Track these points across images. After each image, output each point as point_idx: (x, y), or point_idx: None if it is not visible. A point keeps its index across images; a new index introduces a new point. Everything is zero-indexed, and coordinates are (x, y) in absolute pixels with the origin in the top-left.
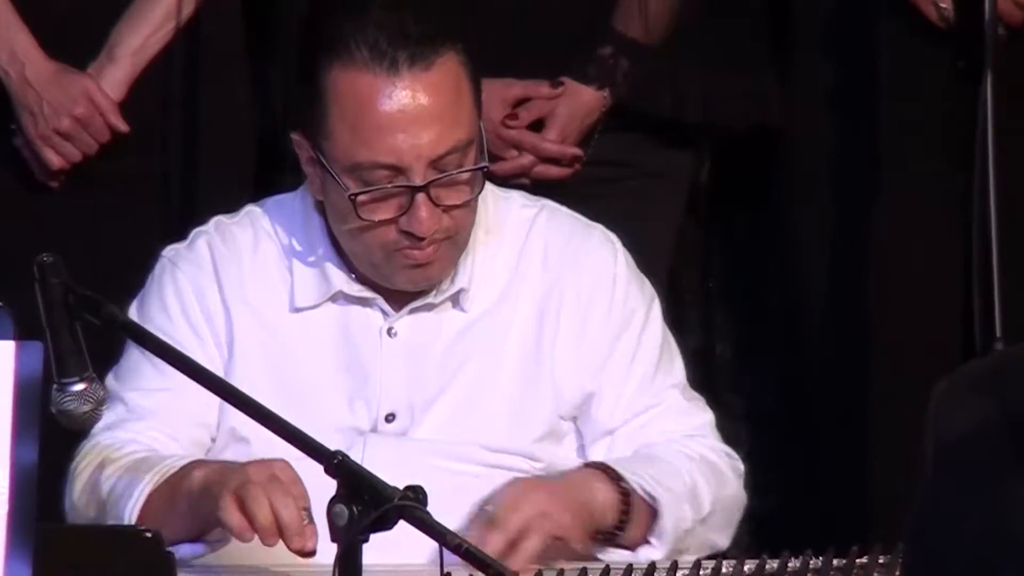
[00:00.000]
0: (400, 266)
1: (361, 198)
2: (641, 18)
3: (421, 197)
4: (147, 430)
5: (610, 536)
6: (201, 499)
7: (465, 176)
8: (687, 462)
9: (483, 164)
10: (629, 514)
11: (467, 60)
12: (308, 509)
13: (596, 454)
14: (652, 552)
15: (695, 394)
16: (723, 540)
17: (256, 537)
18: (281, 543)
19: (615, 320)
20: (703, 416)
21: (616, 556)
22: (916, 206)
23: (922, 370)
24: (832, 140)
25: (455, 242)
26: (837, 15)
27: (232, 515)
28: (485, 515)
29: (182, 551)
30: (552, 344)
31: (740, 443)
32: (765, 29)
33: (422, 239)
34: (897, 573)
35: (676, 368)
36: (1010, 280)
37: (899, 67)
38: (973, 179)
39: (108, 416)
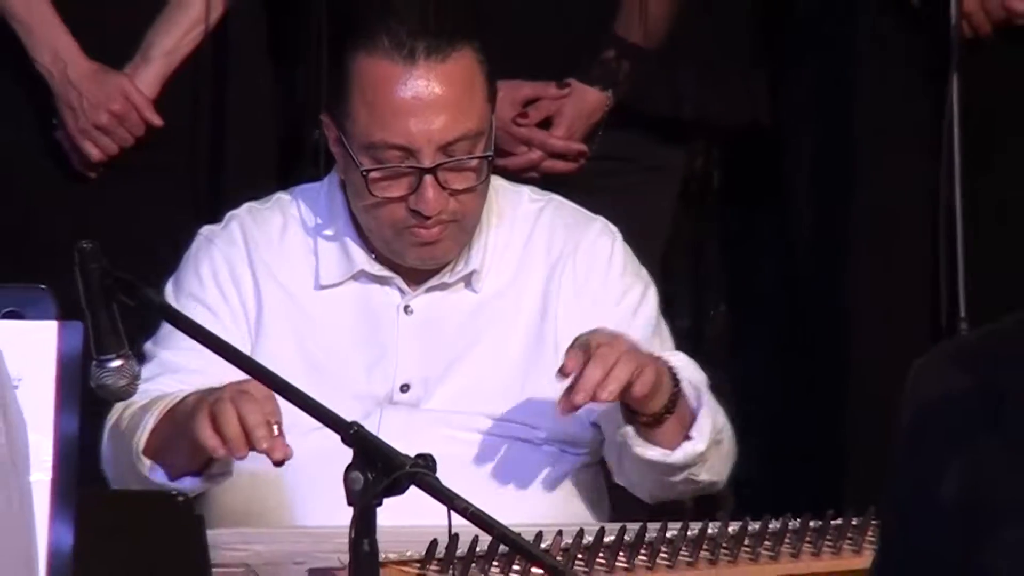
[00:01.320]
0: (408, 243)
1: (373, 175)
2: (641, 24)
3: (429, 179)
4: (176, 383)
5: (654, 421)
6: (187, 421)
7: (472, 163)
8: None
9: (489, 153)
10: (677, 396)
11: (482, 57)
12: (279, 423)
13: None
14: (694, 446)
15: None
16: (720, 477)
17: (229, 452)
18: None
19: (610, 299)
20: (696, 371)
21: (652, 452)
22: (891, 197)
23: (894, 345)
24: (815, 135)
25: (462, 226)
26: (820, 19)
27: (205, 431)
28: (582, 346)
29: (184, 484)
30: (554, 324)
31: (727, 415)
32: (754, 33)
33: (428, 218)
34: (868, 534)
35: (668, 344)
36: (973, 264)
37: (877, 68)
38: (942, 173)
39: (153, 370)
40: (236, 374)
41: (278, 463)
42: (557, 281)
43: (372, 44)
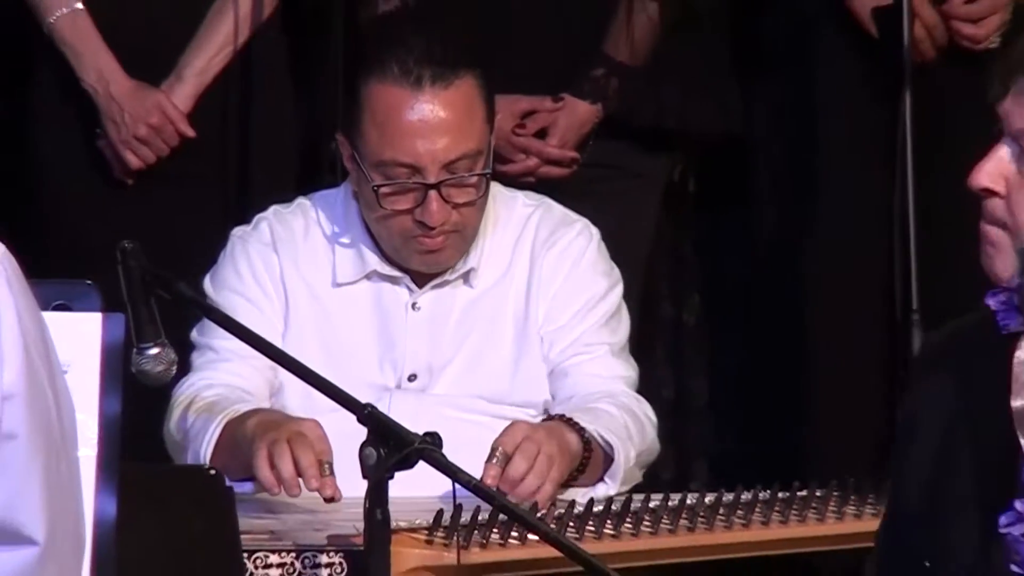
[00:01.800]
0: (414, 251)
1: (383, 190)
2: (627, 45)
3: (433, 194)
4: (232, 368)
5: (572, 477)
6: (248, 448)
7: (473, 180)
8: (620, 412)
9: (488, 171)
10: (590, 458)
11: (483, 83)
12: (330, 463)
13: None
14: (607, 489)
15: (629, 358)
16: (640, 475)
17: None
18: (306, 492)
19: (574, 292)
20: (626, 372)
21: (570, 492)
22: (850, 203)
23: (851, 335)
24: (780, 146)
25: (463, 235)
26: (785, 41)
27: (263, 471)
28: (499, 460)
29: (241, 488)
30: (536, 313)
31: (701, 395)
32: (729, 52)
33: (433, 228)
34: (830, 504)
35: (618, 335)
36: (924, 263)
37: (836, 87)
38: (896, 182)
39: (201, 359)
40: (267, 364)
41: (328, 500)
42: (538, 274)
43: (383, 71)
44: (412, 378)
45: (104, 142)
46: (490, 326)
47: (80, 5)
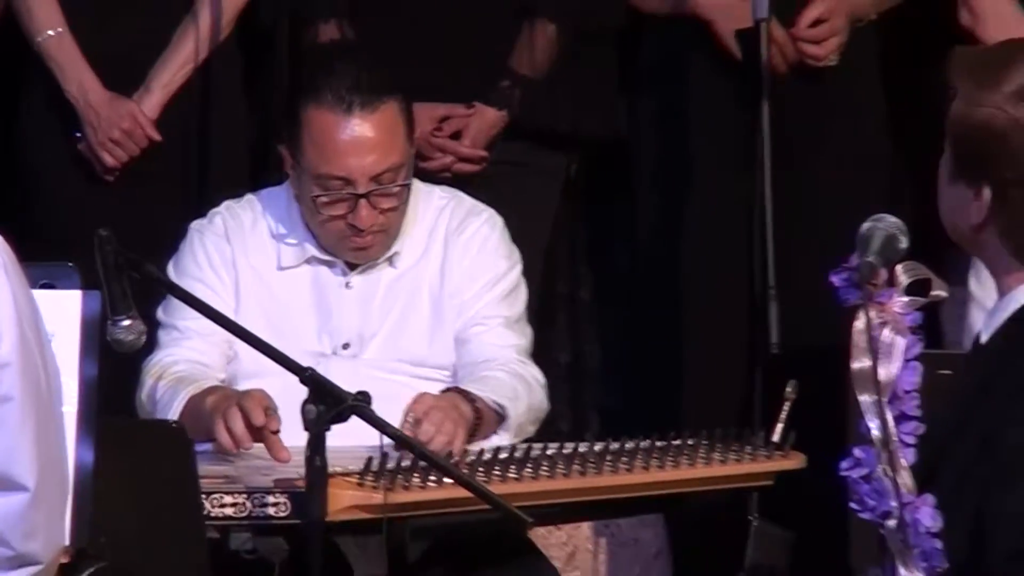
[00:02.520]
0: (347, 248)
1: (321, 199)
2: (529, 60)
3: (363, 202)
4: (194, 346)
5: (470, 436)
6: (208, 419)
7: (396, 189)
8: (509, 377)
9: (408, 181)
10: (482, 420)
11: (405, 107)
12: (275, 410)
13: None
14: (500, 440)
15: (524, 328)
16: (533, 429)
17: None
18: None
19: (478, 272)
20: (519, 341)
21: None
22: (716, 197)
23: (718, 307)
24: (659, 147)
25: (387, 233)
26: (664, 58)
27: (221, 435)
28: (412, 425)
29: (201, 447)
30: (448, 289)
31: (593, 359)
32: (615, 68)
33: (363, 231)
34: (699, 452)
35: (514, 309)
36: (779, 247)
37: (704, 98)
38: (755, 179)
39: (167, 336)
40: (230, 337)
41: (282, 462)
42: (449, 256)
43: (319, 98)
44: (346, 346)
45: (84, 144)
46: (410, 301)
47: (63, 28)
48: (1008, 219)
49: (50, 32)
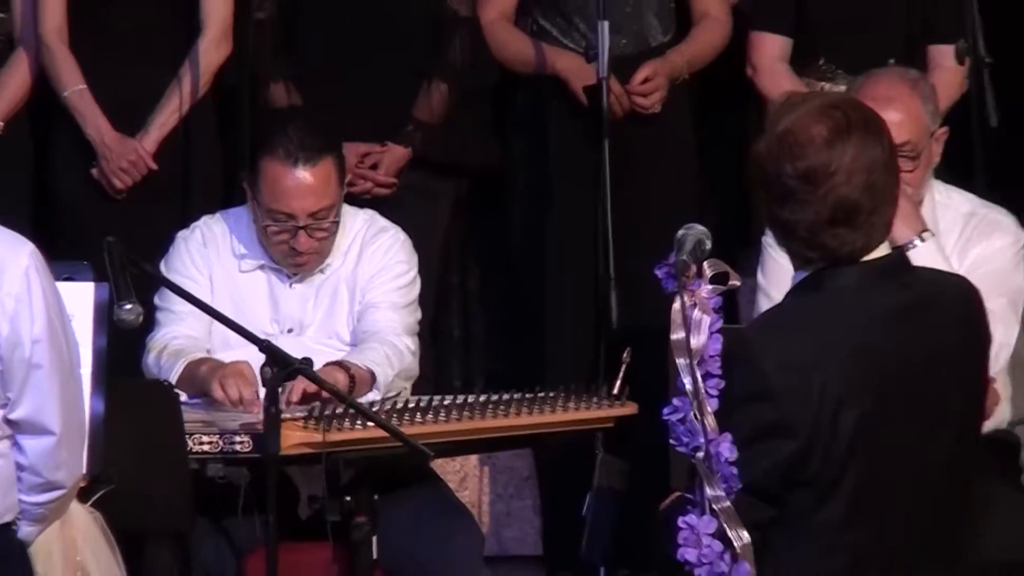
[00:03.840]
0: (289, 264)
1: (271, 228)
2: (428, 110)
3: (302, 232)
4: (186, 324)
5: (351, 392)
6: (203, 381)
7: (327, 224)
8: (381, 346)
9: (338, 219)
10: (355, 382)
11: (339, 162)
12: (256, 387)
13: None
14: (375, 395)
15: (413, 310)
16: (405, 385)
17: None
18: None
19: (383, 274)
20: (405, 319)
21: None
22: (570, 211)
23: (573, 292)
24: (527, 174)
25: (320, 255)
26: (532, 104)
27: (218, 394)
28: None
29: (193, 401)
30: (359, 286)
31: (480, 334)
32: (493, 113)
33: (301, 253)
34: (558, 403)
35: (406, 299)
36: (617, 246)
37: (563, 135)
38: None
39: (164, 317)
40: (207, 319)
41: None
42: (362, 262)
43: (273, 152)
44: (290, 330)
45: (98, 171)
46: (336, 296)
47: (83, 85)
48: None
49: (73, 88)
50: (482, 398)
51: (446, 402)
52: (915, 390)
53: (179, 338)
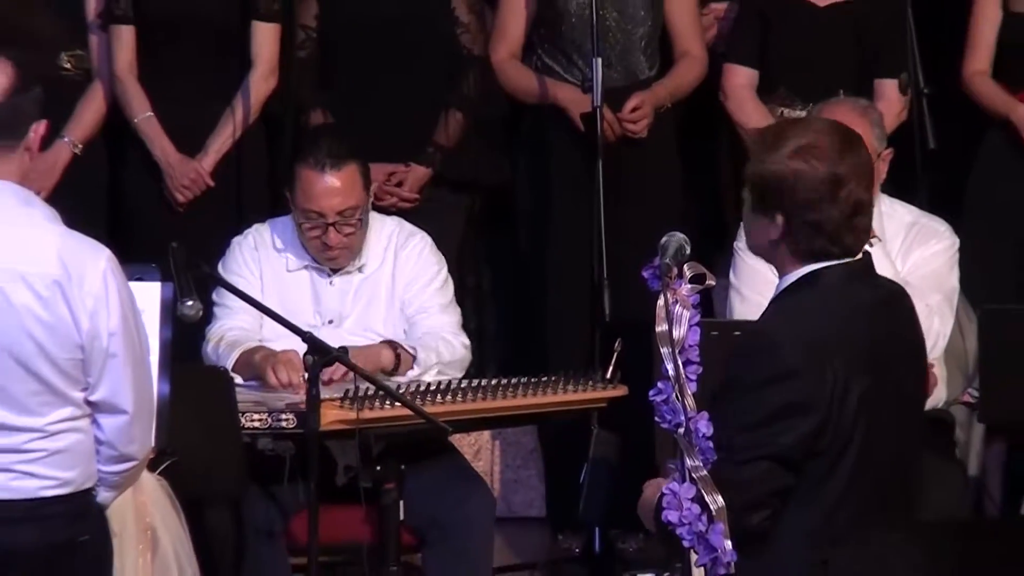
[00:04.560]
0: (324, 258)
1: (305, 226)
2: (445, 135)
3: (331, 228)
4: (241, 317)
5: (392, 371)
6: (258, 367)
7: (354, 221)
8: (434, 340)
9: (364, 217)
10: (400, 361)
11: (362, 168)
12: (302, 373)
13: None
14: (417, 374)
15: (454, 309)
16: (458, 373)
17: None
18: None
19: (415, 273)
20: (450, 318)
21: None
22: (569, 221)
23: (571, 294)
24: (532, 189)
25: (350, 250)
26: (535, 130)
27: (271, 378)
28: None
29: (247, 383)
30: (398, 285)
31: (491, 328)
32: (504, 136)
33: (332, 248)
34: (560, 385)
35: (446, 297)
36: (610, 252)
37: (563, 157)
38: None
39: (221, 311)
40: (257, 313)
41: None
42: (397, 263)
43: (305, 160)
44: (331, 322)
45: (164, 187)
46: (374, 294)
47: (151, 113)
48: (794, 233)
49: (142, 115)
50: (493, 382)
51: (463, 385)
52: (893, 373)
53: (234, 330)
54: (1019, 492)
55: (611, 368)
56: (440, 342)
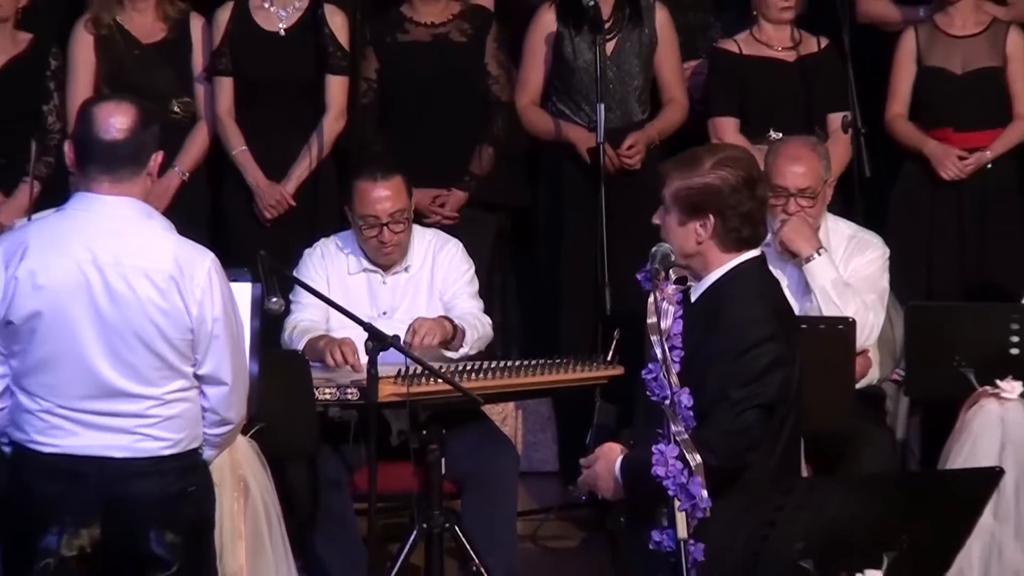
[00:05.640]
0: (379, 256)
1: (363, 228)
2: (479, 165)
3: (385, 228)
4: (311, 312)
5: (447, 345)
6: (320, 351)
7: (402, 221)
8: (472, 319)
9: (410, 218)
10: (455, 335)
11: (407, 180)
12: (358, 355)
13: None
14: (465, 350)
15: (478, 299)
16: (483, 346)
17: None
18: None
19: (454, 271)
20: (477, 304)
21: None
22: (578, 237)
23: (579, 292)
24: (548, 211)
25: (400, 248)
26: (549, 159)
27: (327, 359)
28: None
29: (316, 364)
30: (436, 282)
31: (513, 320)
32: (522, 167)
33: (386, 244)
34: (568, 367)
35: (473, 288)
36: (612, 257)
37: (573, 183)
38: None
39: (296, 308)
40: (325, 308)
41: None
42: (436, 264)
43: (360, 175)
44: (384, 314)
45: (255, 207)
46: (418, 290)
47: (245, 147)
48: (723, 228)
49: (238, 149)
50: (516, 363)
51: (492, 366)
52: (794, 339)
53: (305, 321)
54: (935, 451)
55: (611, 352)
56: (476, 321)
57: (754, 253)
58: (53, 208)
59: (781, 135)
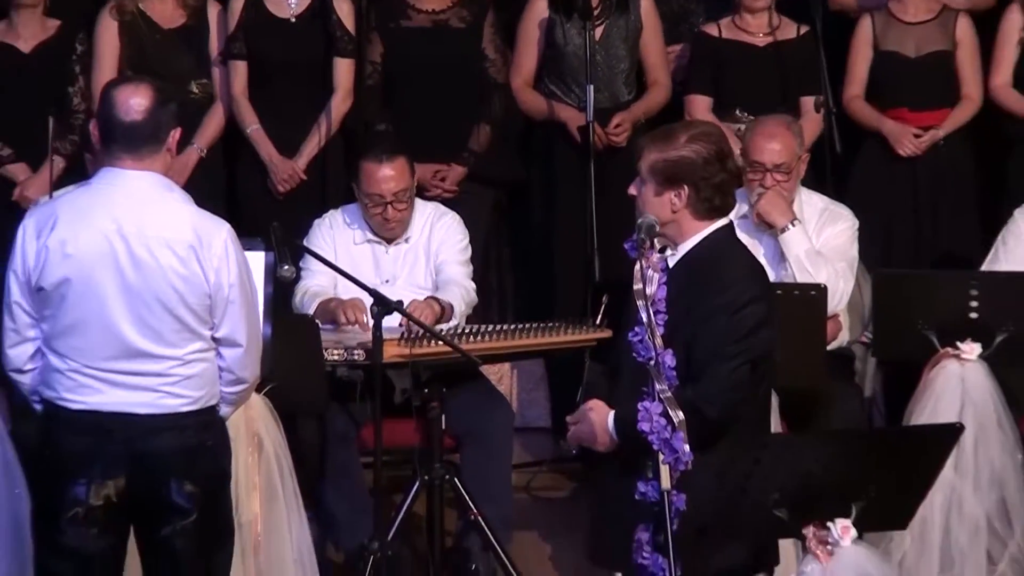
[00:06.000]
0: (384, 230)
1: (369, 206)
2: (477, 142)
3: (389, 206)
4: (320, 278)
5: (440, 317)
6: (332, 312)
7: (405, 200)
8: (455, 288)
9: (413, 197)
10: (443, 312)
11: (409, 160)
12: (365, 311)
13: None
14: (454, 321)
15: (469, 266)
16: (469, 310)
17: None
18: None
19: (449, 243)
20: (466, 270)
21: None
22: (569, 208)
23: (570, 262)
24: (542, 185)
25: (402, 223)
26: (543, 142)
27: (340, 318)
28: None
29: (325, 327)
30: (433, 250)
31: (508, 291)
32: (516, 144)
33: (390, 219)
34: (560, 330)
35: (465, 256)
36: (600, 228)
37: (563, 161)
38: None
39: (306, 274)
40: (333, 274)
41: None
42: (433, 234)
43: (366, 156)
44: (387, 281)
45: (268, 181)
46: (417, 258)
47: (258, 125)
48: (696, 198)
49: (252, 127)
50: (512, 327)
51: (489, 329)
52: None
53: (314, 286)
54: (900, 409)
55: (600, 316)
56: (460, 289)
57: (724, 222)
58: (74, 185)
59: (747, 114)
